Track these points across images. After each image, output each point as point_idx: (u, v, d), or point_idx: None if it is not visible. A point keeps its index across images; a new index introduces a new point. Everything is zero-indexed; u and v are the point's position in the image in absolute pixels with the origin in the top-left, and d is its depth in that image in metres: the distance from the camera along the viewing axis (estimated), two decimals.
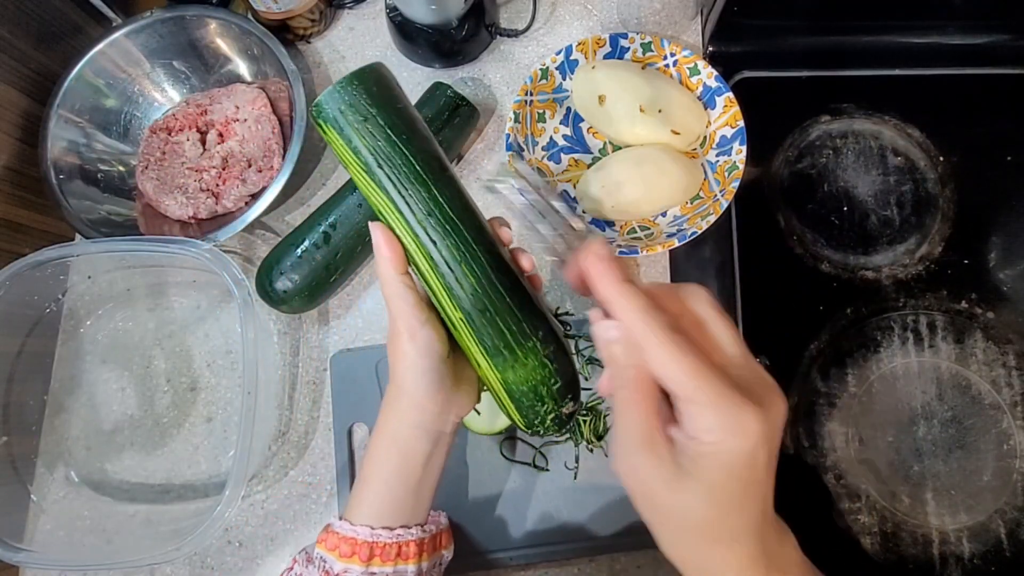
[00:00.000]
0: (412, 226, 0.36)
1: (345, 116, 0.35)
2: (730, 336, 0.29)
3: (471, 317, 0.37)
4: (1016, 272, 0.63)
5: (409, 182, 0.36)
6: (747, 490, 0.27)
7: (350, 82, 0.35)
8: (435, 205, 0.36)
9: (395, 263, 0.36)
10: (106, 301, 0.65)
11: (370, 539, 0.39)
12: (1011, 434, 0.58)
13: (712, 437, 0.27)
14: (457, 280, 0.36)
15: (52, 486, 0.61)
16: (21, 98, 0.63)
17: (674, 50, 0.63)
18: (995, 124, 0.68)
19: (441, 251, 0.36)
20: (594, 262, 0.30)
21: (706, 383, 0.27)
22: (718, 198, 0.59)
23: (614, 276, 0.29)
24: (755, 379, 0.28)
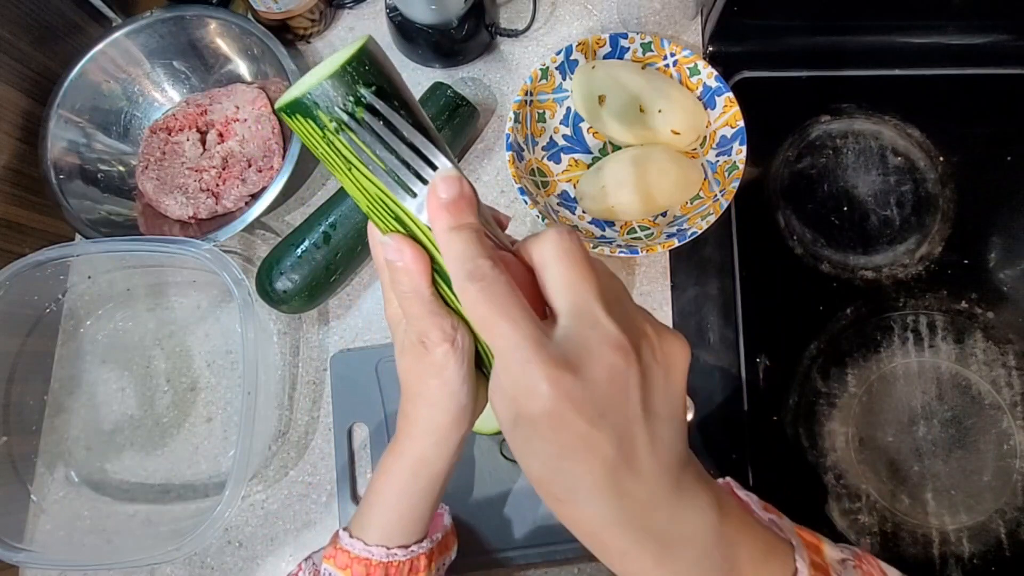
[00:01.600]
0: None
1: (347, 110, 0.28)
2: (562, 283, 0.26)
3: None
4: (1016, 272, 0.63)
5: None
6: (565, 454, 0.24)
7: (349, 69, 0.28)
8: None
9: (427, 275, 0.30)
10: (106, 301, 0.65)
11: (386, 559, 0.38)
12: (1011, 434, 0.58)
13: (504, 395, 0.25)
14: None
15: (52, 486, 0.61)
16: (21, 98, 0.63)
17: (674, 50, 0.63)
18: (995, 124, 0.68)
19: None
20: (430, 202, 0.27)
21: (500, 332, 0.24)
22: (718, 198, 0.59)
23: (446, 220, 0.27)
24: (584, 334, 0.25)
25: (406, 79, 0.77)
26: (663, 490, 0.25)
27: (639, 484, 0.25)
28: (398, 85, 0.30)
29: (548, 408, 0.23)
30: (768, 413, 0.59)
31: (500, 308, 0.24)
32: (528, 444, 0.25)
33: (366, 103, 0.28)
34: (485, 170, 0.68)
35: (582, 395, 0.23)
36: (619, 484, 0.24)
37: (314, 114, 0.28)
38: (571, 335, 0.25)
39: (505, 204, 0.66)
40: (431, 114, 0.62)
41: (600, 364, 0.24)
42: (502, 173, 0.67)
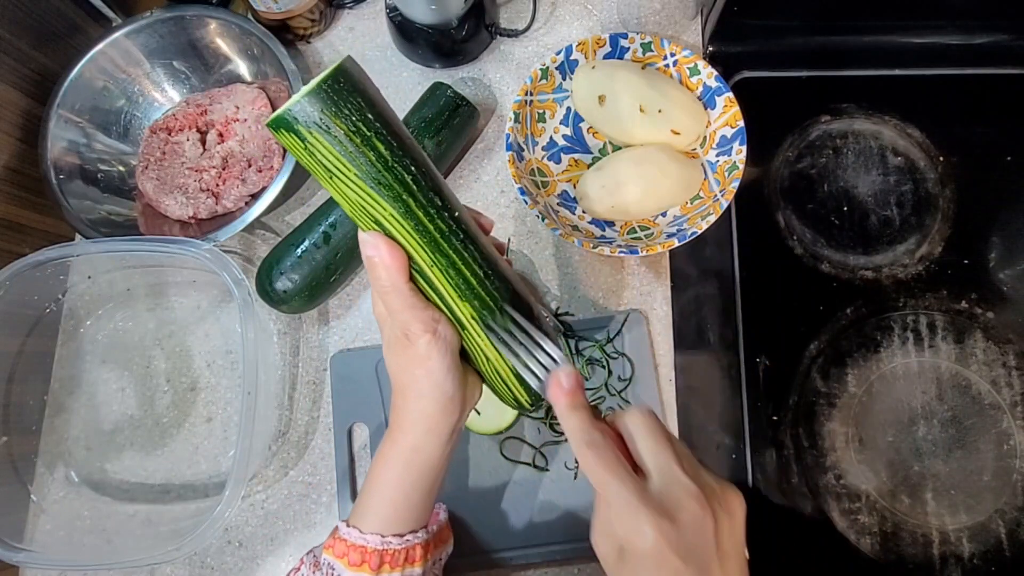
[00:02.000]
0: (415, 228, 0.34)
1: (322, 126, 0.32)
2: (649, 449, 0.34)
3: (483, 310, 0.36)
4: (1016, 272, 0.63)
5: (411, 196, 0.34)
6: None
7: (324, 88, 0.32)
8: (435, 209, 0.34)
9: (403, 271, 0.34)
10: (106, 301, 0.65)
11: (381, 547, 0.39)
12: (1011, 434, 0.58)
13: (619, 533, 0.32)
14: (467, 278, 0.36)
15: (52, 486, 0.61)
16: (21, 98, 0.63)
17: (674, 50, 0.63)
18: (995, 124, 0.68)
19: (447, 249, 0.35)
20: (554, 387, 0.35)
21: (613, 488, 0.32)
22: (718, 198, 0.59)
23: (566, 402, 0.35)
24: (672, 489, 0.32)
25: (406, 79, 0.77)
26: None
27: None
28: (375, 101, 0.33)
29: (652, 547, 0.31)
30: (768, 413, 0.59)
31: (611, 469, 0.32)
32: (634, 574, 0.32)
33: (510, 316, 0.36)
34: (485, 170, 0.68)
35: (676, 537, 0.31)
36: None
37: (295, 128, 0.32)
38: (662, 489, 0.32)
39: (505, 204, 0.66)
40: (431, 114, 0.62)
41: (686, 512, 0.32)
42: (502, 173, 0.67)
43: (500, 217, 0.66)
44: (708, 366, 0.61)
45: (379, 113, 0.33)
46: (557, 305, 0.63)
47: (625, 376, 0.59)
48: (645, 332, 0.61)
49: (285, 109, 0.31)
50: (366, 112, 0.33)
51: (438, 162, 0.64)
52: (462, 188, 0.67)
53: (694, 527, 0.31)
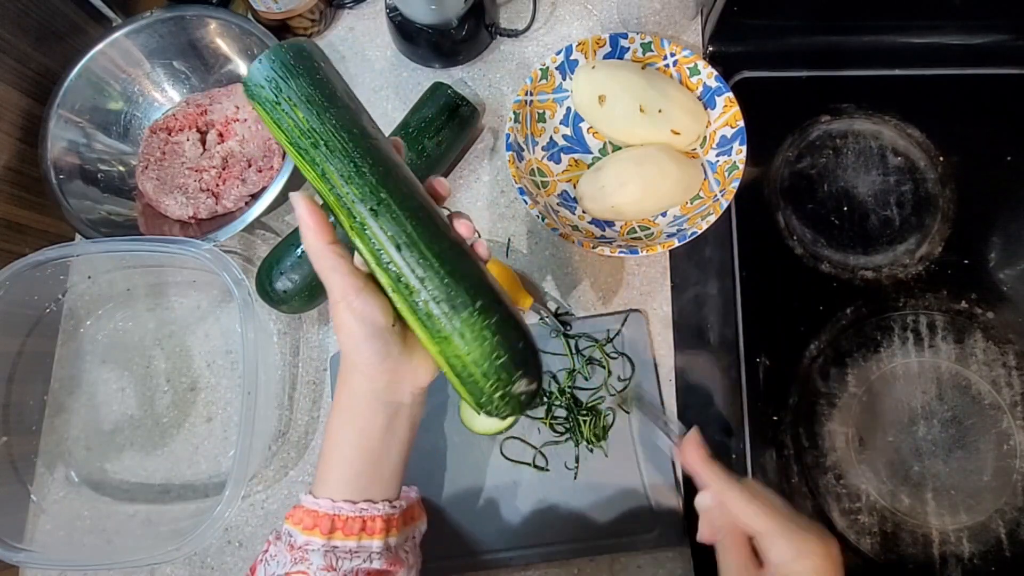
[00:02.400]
0: (336, 191, 0.36)
1: (267, 89, 0.36)
2: (778, 499, 0.42)
3: (399, 284, 0.36)
4: (1016, 272, 0.63)
5: (329, 149, 0.35)
6: None
7: (269, 55, 0.36)
8: (355, 170, 0.35)
9: (321, 233, 0.36)
10: (106, 301, 0.65)
11: (331, 511, 0.38)
12: (1011, 434, 0.58)
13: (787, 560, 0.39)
14: (382, 245, 0.35)
15: (52, 486, 0.61)
16: (21, 98, 0.63)
17: (674, 50, 0.63)
18: (995, 124, 0.68)
19: (364, 215, 0.35)
20: (689, 450, 0.46)
21: (775, 521, 0.40)
22: (718, 198, 0.59)
23: (703, 457, 0.45)
24: (810, 524, 0.41)
25: (406, 79, 0.76)
26: None
27: None
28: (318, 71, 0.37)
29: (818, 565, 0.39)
30: (768, 413, 0.59)
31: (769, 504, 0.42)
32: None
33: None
34: (485, 170, 0.68)
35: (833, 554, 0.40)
36: None
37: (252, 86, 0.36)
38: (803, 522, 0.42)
39: (505, 204, 0.66)
40: (431, 114, 0.62)
41: (830, 538, 0.41)
42: (502, 173, 0.67)
43: (500, 217, 0.66)
44: (708, 366, 0.61)
45: (337, 78, 0.37)
46: (557, 305, 0.63)
47: (625, 376, 0.59)
48: (645, 332, 0.61)
49: (251, 67, 0.36)
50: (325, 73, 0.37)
51: (438, 162, 0.64)
52: (462, 188, 0.67)
53: (837, 552, 0.40)
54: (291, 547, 0.38)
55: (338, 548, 0.38)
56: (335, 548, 0.38)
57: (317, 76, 0.36)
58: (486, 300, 0.36)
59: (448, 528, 0.57)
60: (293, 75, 0.36)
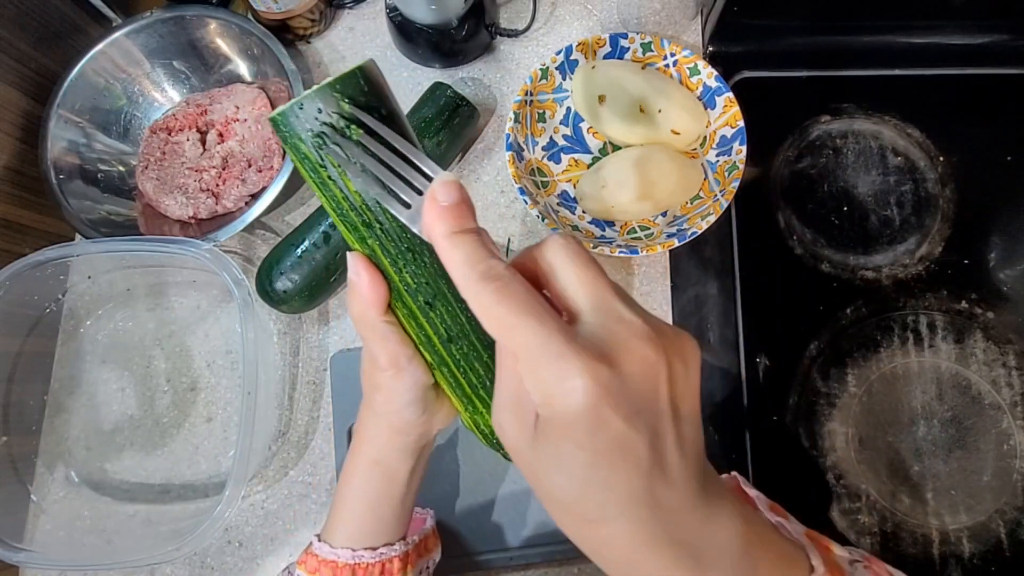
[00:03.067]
0: (398, 267, 0.30)
1: (307, 145, 0.28)
2: (579, 281, 0.25)
3: (442, 369, 0.33)
4: (1016, 272, 0.63)
5: (384, 232, 0.29)
6: (601, 460, 0.22)
7: (314, 98, 0.27)
8: (413, 259, 0.30)
9: (379, 305, 0.30)
10: (106, 301, 0.65)
11: (352, 562, 0.37)
12: (1011, 434, 0.58)
13: (536, 397, 0.23)
14: (431, 336, 0.32)
15: (52, 486, 0.61)
16: (21, 98, 0.63)
17: (674, 50, 0.63)
18: (995, 124, 0.68)
19: (416, 308, 0.31)
20: (429, 207, 0.25)
21: (526, 331, 0.23)
22: (718, 198, 0.59)
23: (445, 227, 0.25)
24: (611, 328, 0.23)
25: (406, 79, 0.76)
26: (692, 498, 0.24)
27: (671, 491, 0.23)
28: (388, 99, 0.29)
29: (586, 404, 0.22)
30: (768, 413, 0.59)
31: (522, 306, 0.23)
32: (556, 457, 0.23)
33: (349, 115, 0.27)
34: (485, 170, 0.68)
35: (619, 389, 0.22)
36: (653, 493, 0.23)
37: (294, 129, 0.27)
38: (598, 331, 0.23)
39: (505, 204, 0.66)
40: (431, 114, 0.62)
41: (633, 356, 0.23)
42: (502, 173, 0.67)
43: (500, 217, 0.66)
44: (708, 366, 0.61)
45: (394, 112, 0.29)
46: None
47: None
48: None
49: (289, 106, 0.27)
50: (380, 110, 0.28)
51: (438, 162, 0.64)
52: None
53: (642, 375, 0.23)
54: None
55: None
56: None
57: (377, 136, 0.27)
58: None
59: (448, 528, 0.57)
60: (345, 134, 0.27)
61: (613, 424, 0.22)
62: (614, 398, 0.22)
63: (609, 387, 0.22)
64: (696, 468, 0.24)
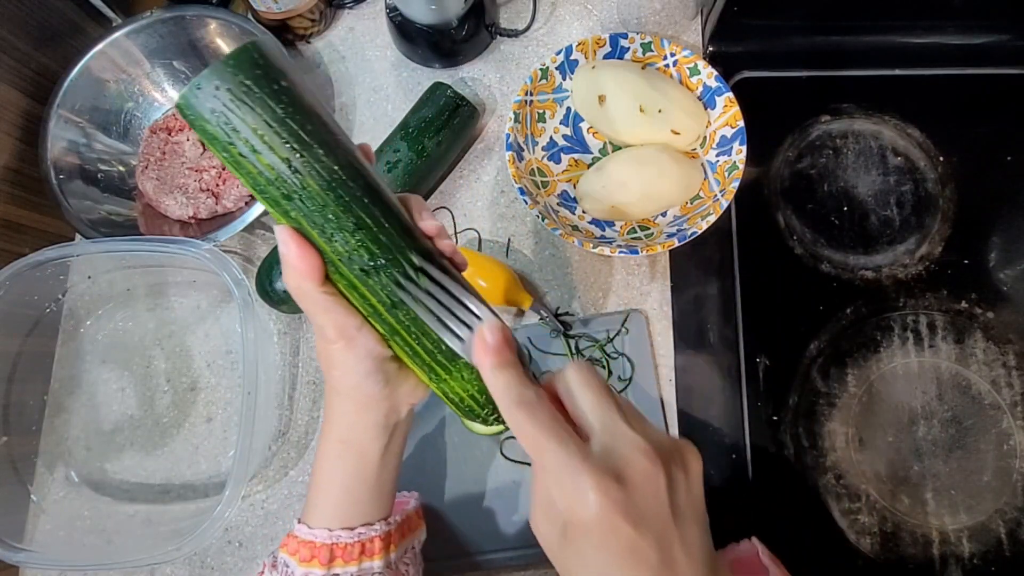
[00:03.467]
0: (328, 235, 0.30)
1: (213, 124, 0.27)
2: (589, 405, 0.29)
3: (395, 337, 0.33)
4: (1016, 272, 0.63)
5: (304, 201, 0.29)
6: (617, 561, 0.26)
7: (210, 76, 0.27)
8: (339, 225, 0.30)
9: (312, 275, 0.31)
10: (106, 301, 0.65)
11: (329, 541, 0.37)
12: (1011, 434, 0.58)
13: (560, 505, 0.27)
14: (375, 304, 0.32)
15: (52, 486, 0.61)
16: (21, 98, 0.63)
17: (674, 50, 0.63)
18: (995, 124, 0.68)
19: (353, 276, 0.31)
20: (478, 345, 0.31)
21: (550, 451, 0.27)
22: (718, 198, 0.59)
23: (491, 361, 0.30)
24: (617, 446, 0.28)
25: (406, 79, 0.76)
26: None
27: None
28: (285, 73, 0.28)
29: (599, 514, 0.26)
30: (768, 413, 0.59)
31: (547, 429, 0.27)
32: (579, 556, 0.27)
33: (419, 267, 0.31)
34: (485, 170, 0.68)
35: (625, 500, 0.26)
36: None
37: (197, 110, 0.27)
38: (606, 448, 0.28)
39: (505, 204, 0.66)
40: (431, 114, 0.62)
41: (635, 469, 0.27)
42: (502, 173, 0.67)
43: (500, 217, 0.66)
44: (708, 366, 0.61)
45: (305, 104, 0.29)
46: (557, 305, 0.63)
47: (625, 376, 0.59)
48: (645, 332, 0.61)
49: (190, 86, 0.27)
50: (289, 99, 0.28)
51: (438, 162, 0.64)
52: (462, 188, 0.67)
53: (644, 486, 0.27)
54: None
55: (339, 575, 0.37)
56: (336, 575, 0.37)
57: (280, 100, 0.27)
58: None
59: (448, 528, 0.57)
60: (247, 105, 0.27)
61: (623, 531, 0.26)
62: (622, 508, 0.26)
63: (617, 500, 0.26)
64: (702, 563, 0.28)
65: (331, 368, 0.35)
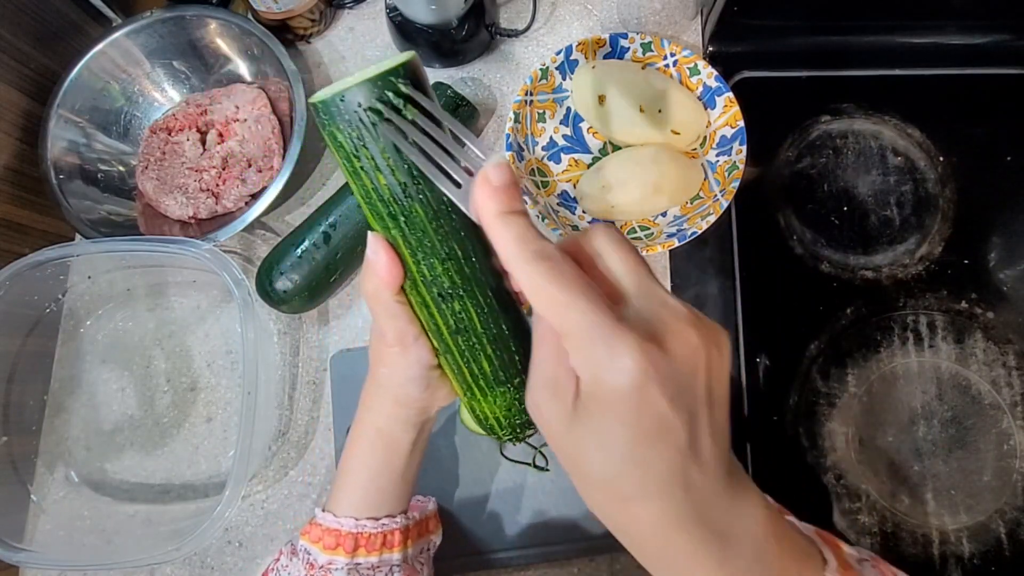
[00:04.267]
0: (416, 258, 0.32)
1: (343, 135, 0.29)
2: (625, 267, 0.26)
3: (446, 356, 0.35)
4: (1016, 272, 0.63)
5: (408, 226, 0.31)
6: (643, 439, 0.23)
7: (355, 93, 0.28)
8: (431, 252, 0.31)
9: (392, 286, 0.32)
10: (106, 301, 0.65)
11: (355, 530, 0.38)
12: (1011, 434, 0.58)
13: (583, 375, 0.24)
14: (440, 325, 0.34)
15: (52, 486, 0.61)
16: (21, 98, 0.63)
17: (674, 50, 0.63)
18: (995, 124, 0.68)
19: (429, 298, 0.33)
20: (481, 187, 0.26)
21: (575, 314, 0.23)
22: (718, 198, 0.59)
23: (495, 206, 0.25)
24: (656, 311, 0.24)
25: None
26: (721, 483, 0.25)
27: (703, 475, 0.24)
28: (431, 94, 0.31)
29: (634, 382, 0.22)
30: (768, 413, 0.59)
31: (573, 286, 0.24)
32: (596, 434, 0.24)
33: (406, 95, 0.29)
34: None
35: (667, 369, 0.23)
36: (687, 474, 0.24)
37: (334, 118, 0.29)
38: (645, 313, 0.24)
39: None
40: None
41: (679, 340, 0.24)
42: None
43: None
44: None
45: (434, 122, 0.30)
46: None
47: None
48: None
49: (333, 96, 0.29)
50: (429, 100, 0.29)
51: None
52: None
53: (684, 358, 0.23)
54: (311, 566, 0.38)
55: (361, 565, 0.38)
56: (358, 565, 0.38)
57: (429, 115, 0.29)
58: (523, 377, 0.33)
59: (448, 528, 0.57)
60: (382, 127, 0.29)
61: (658, 403, 0.23)
62: (661, 377, 0.23)
63: (658, 367, 0.23)
64: (725, 454, 0.25)
65: (380, 366, 0.37)
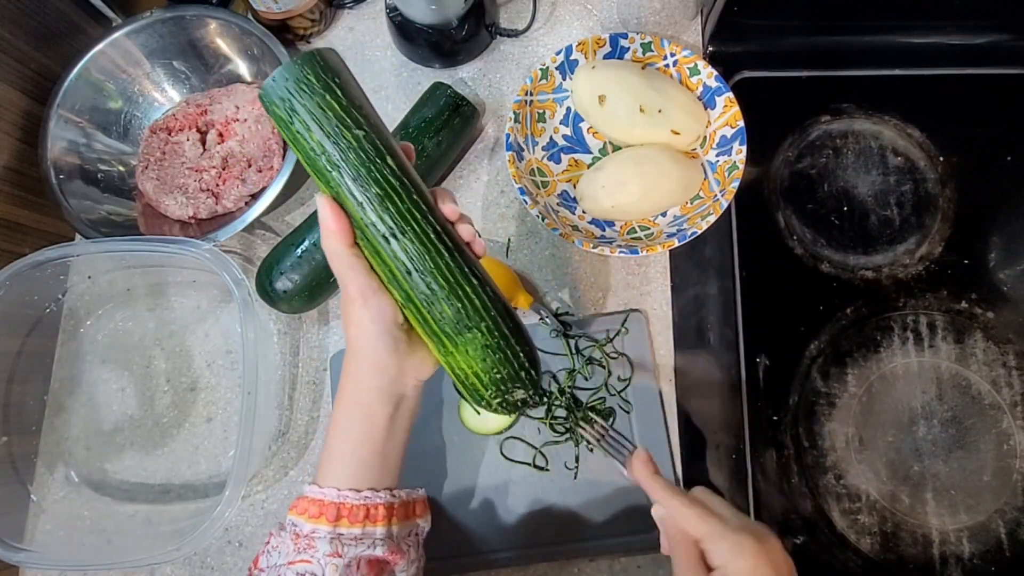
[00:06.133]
0: (349, 212, 0.36)
1: (281, 108, 0.36)
2: (721, 503, 0.43)
3: (409, 303, 0.38)
4: (1016, 272, 0.63)
5: (342, 174, 0.36)
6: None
7: (283, 72, 0.36)
8: (370, 195, 0.36)
9: (343, 237, 0.37)
10: (106, 301, 0.65)
11: (337, 500, 0.39)
12: (1011, 434, 0.58)
13: (715, 562, 0.40)
14: (393, 269, 0.37)
15: (52, 486, 0.61)
16: (21, 98, 0.63)
17: (674, 50, 0.63)
18: (995, 124, 0.68)
19: (377, 241, 0.36)
20: (638, 466, 0.46)
21: (712, 525, 0.40)
22: (718, 198, 0.59)
23: (650, 472, 0.46)
24: (748, 524, 0.41)
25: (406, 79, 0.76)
26: None
27: None
28: (342, 68, 0.37)
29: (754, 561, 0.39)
30: (768, 413, 0.59)
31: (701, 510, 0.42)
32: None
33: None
34: (485, 170, 0.68)
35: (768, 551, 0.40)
36: None
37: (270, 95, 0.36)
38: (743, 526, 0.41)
39: (505, 204, 0.66)
40: (431, 114, 0.62)
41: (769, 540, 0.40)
42: (502, 173, 0.67)
43: (500, 217, 0.66)
44: (708, 366, 0.61)
45: (351, 97, 0.36)
46: (557, 305, 0.63)
47: (625, 376, 0.59)
48: (645, 332, 0.61)
49: (265, 83, 0.36)
50: (338, 92, 0.36)
51: (438, 162, 0.64)
52: (462, 188, 0.67)
53: (777, 550, 0.40)
54: (296, 536, 0.39)
55: (344, 535, 0.39)
56: (341, 535, 0.39)
57: (332, 95, 0.36)
58: (490, 321, 0.38)
59: (448, 528, 0.57)
60: (306, 94, 0.35)
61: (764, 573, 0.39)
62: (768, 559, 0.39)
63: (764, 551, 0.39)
64: None
65: (349, 325, 0.39)
